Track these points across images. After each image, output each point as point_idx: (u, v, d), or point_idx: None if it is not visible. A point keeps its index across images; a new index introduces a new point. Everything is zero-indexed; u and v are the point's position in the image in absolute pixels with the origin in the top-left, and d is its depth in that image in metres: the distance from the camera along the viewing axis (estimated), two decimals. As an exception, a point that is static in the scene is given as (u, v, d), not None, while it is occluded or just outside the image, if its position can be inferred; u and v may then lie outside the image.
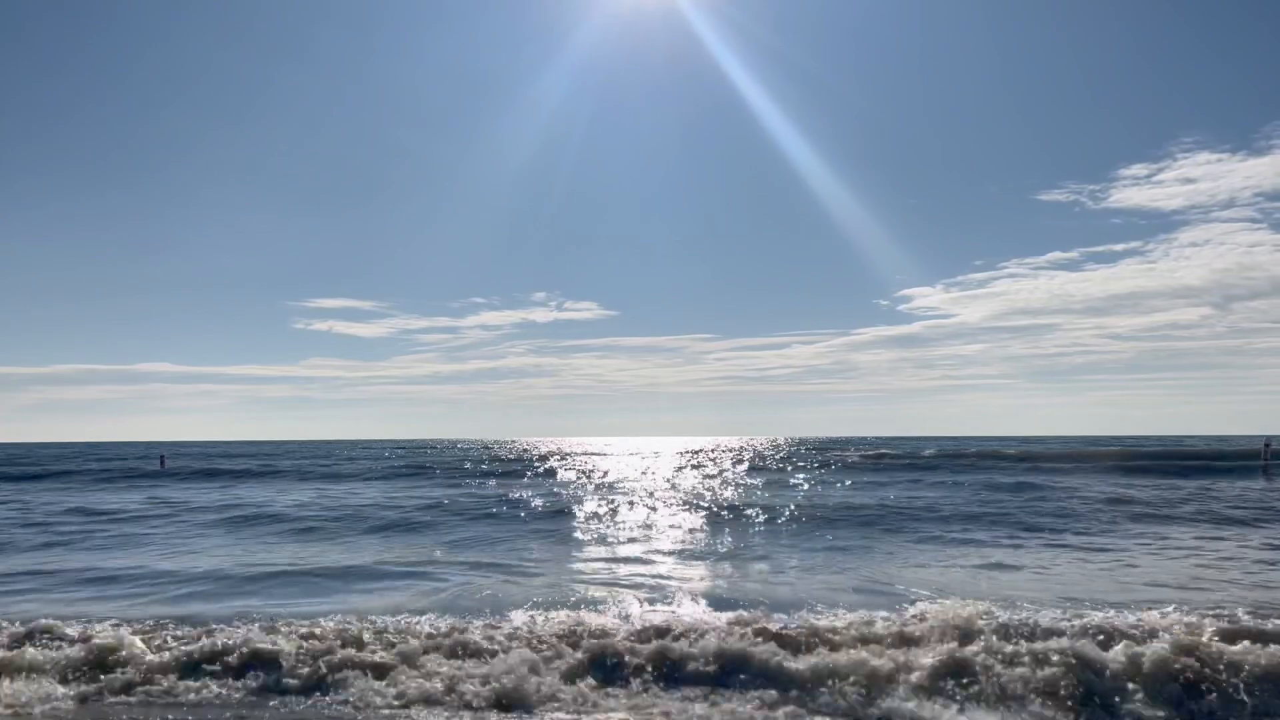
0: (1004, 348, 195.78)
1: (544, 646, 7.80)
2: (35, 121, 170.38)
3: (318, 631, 8.30)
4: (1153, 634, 7.68)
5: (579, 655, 7.50)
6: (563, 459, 59.09)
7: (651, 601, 10.27)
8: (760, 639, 7.68)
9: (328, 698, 6.94)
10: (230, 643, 7.77)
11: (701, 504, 22.45)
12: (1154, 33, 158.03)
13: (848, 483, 32.66)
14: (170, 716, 6.58)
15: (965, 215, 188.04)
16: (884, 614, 8.82)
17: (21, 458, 69.12)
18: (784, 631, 7.99)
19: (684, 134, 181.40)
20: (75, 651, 7.71)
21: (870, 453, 64.95)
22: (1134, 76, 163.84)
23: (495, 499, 25.41)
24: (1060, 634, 7.63)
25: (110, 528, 19.23)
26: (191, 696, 6.95)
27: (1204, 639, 7.42)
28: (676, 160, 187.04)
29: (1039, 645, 7.31)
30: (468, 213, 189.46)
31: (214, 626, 8.68)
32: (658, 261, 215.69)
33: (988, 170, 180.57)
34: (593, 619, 8.72)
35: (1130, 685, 6.74)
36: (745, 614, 8.75)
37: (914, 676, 6.82)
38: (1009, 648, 7.27)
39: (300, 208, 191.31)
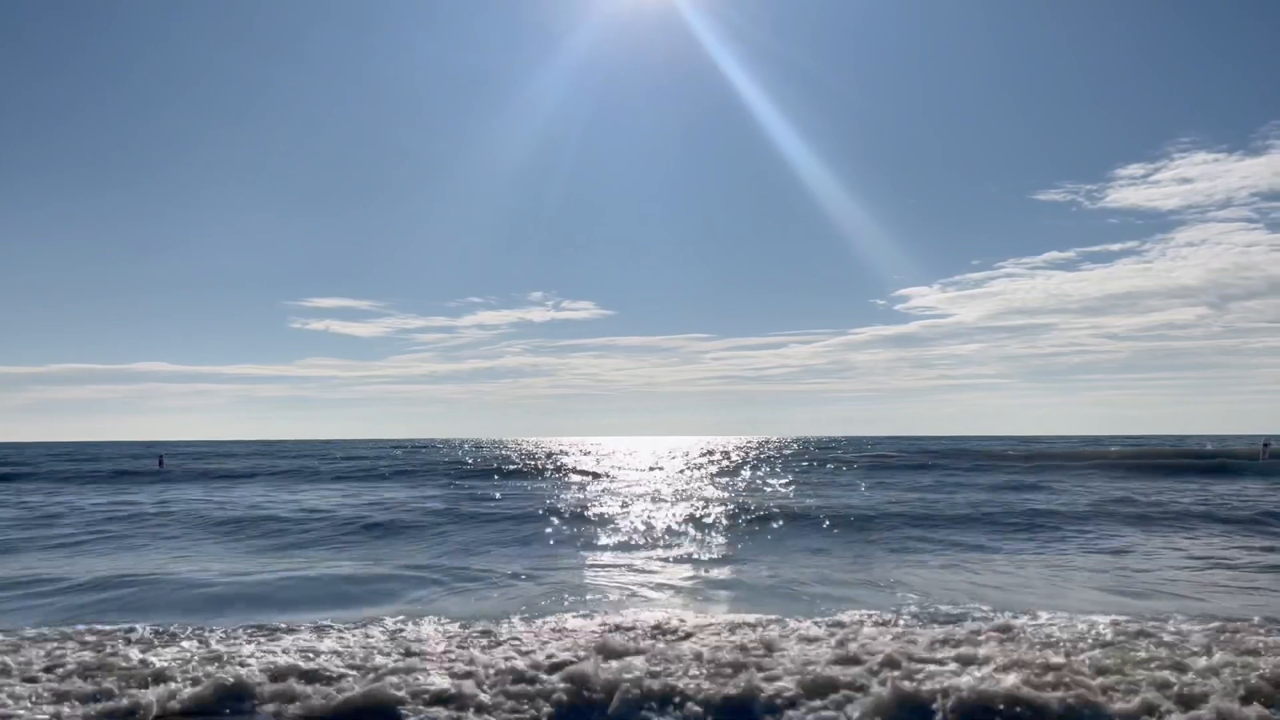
0: (1001, 347, 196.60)
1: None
2: (33, 121, 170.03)
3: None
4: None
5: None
6: (558, 459, 58.91)
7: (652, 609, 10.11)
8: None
9: None
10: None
11: (701, 506, 22.20)
12: (1151, 33, 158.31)
13: (856, 484, 32.56)
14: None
15: (962, 215, 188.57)
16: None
17: (12, 457, 68.82)
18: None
19: (682, 134, 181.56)
20: None
21: (887, 454, 64.76)
22: (1131, 77, 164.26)
23: (485, 500, 25.22)
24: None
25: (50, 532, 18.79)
26: None
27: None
28: (674, 160, 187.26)
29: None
30: (465, 212, 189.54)
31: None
32: (655, 261, 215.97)
33: (985, 170, 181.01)
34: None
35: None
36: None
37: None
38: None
39: (297, 207, 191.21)
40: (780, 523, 18.84)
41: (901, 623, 8.81)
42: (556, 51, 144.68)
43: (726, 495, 26.24)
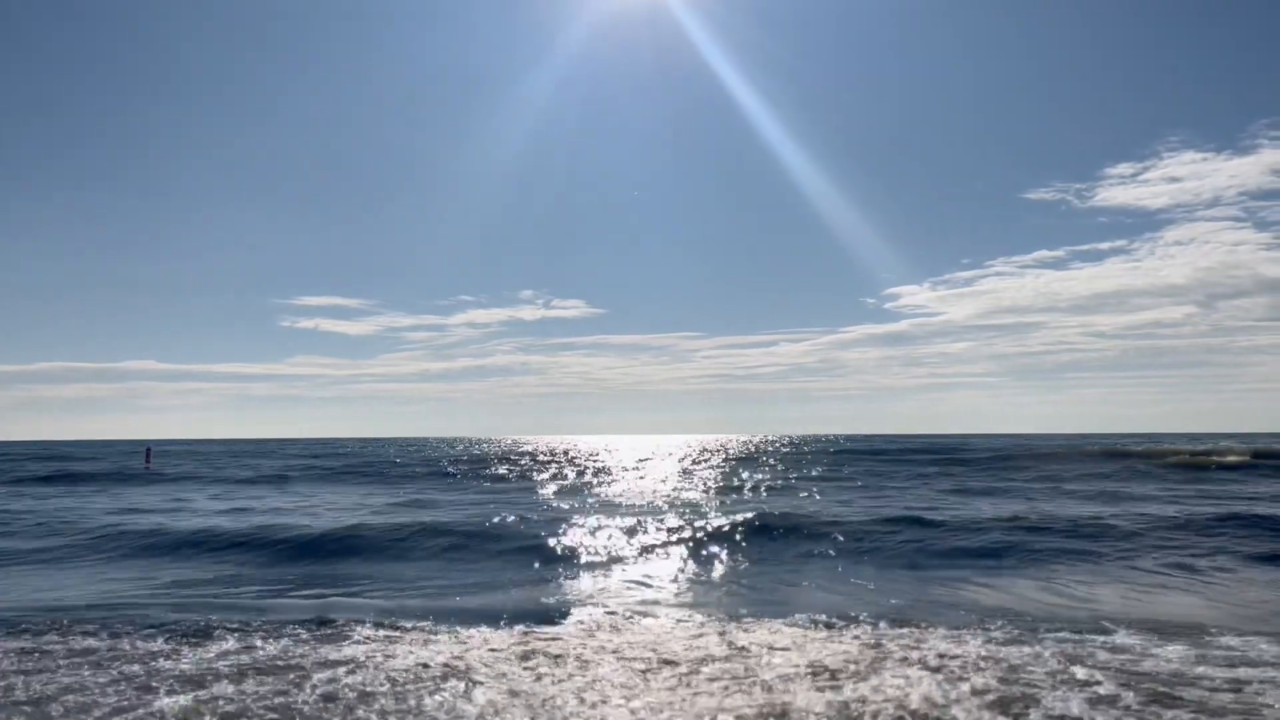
0: (990, 346, 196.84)
1: None
2: (24, 119, 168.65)
3: None
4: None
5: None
6: (544, 459, 58.00)
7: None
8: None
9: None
10: None
11: (700, 516, 20.82)
12: (1140, 32, 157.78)
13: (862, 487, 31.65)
14: None
15: (952, 214, 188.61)
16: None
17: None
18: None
19: (672, 133, 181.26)
20: None
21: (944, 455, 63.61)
22: (1120, 76, 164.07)
23: (450, 507, 24.17)
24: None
25: None
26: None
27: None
28: (664, 160, 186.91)
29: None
30: (456, 211, 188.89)
31: None
32: (645, 260, 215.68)
33: (974, 169, 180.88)
34: None
35: None
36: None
37: None
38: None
39: (287, 205, 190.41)
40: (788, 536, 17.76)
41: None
42: (547, 50, 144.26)
43: (727, 504, 25.24)
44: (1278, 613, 10.54)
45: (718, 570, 13.98)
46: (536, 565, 14.30)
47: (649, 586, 12.44)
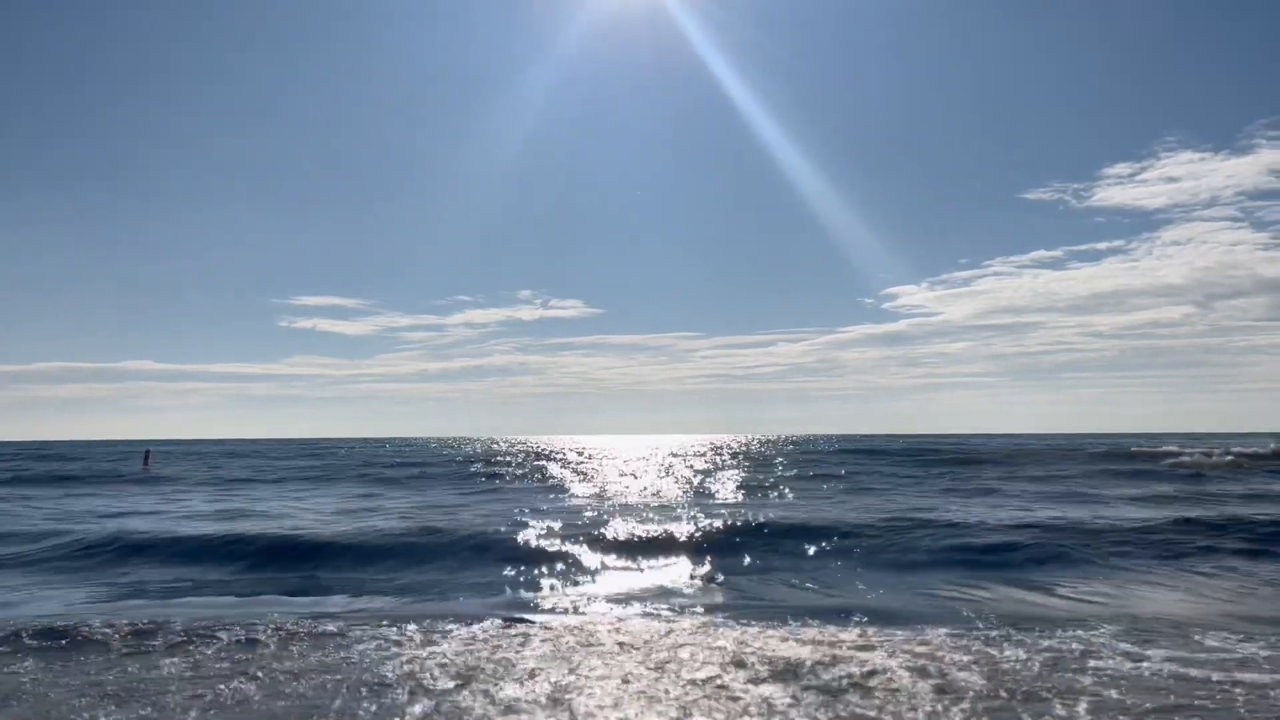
0: (988, 345, 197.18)
1: None
2: (22, 116, 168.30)
3: None
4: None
5: None
6: (540, 459, 57.91)
7: None
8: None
9: None
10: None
11: (694, 516, 20.72)
12: (1138, 32, 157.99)
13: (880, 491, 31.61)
14: None
15: (950, 214, 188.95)
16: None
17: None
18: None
19: (670, 133, 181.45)
20: None
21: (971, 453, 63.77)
22: (1118, 76, 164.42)
23: (443, 508, 24.11)
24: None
25: None
26: None
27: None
28: (662, 160, 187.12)
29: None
30: (454, 210, 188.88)
31: None
32: (643, 260, 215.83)
33: (972, 169, 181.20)
34: None
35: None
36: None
37: None
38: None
39: (285, 204, 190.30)
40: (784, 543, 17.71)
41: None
42: (546, 50, 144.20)
43: (729, 508, 25.17)
44: (1278, 613, 10.54)
45: (712, 572, 13.87)
46: (527, 567, 14.19)
47: (639, 588, 12.41)
